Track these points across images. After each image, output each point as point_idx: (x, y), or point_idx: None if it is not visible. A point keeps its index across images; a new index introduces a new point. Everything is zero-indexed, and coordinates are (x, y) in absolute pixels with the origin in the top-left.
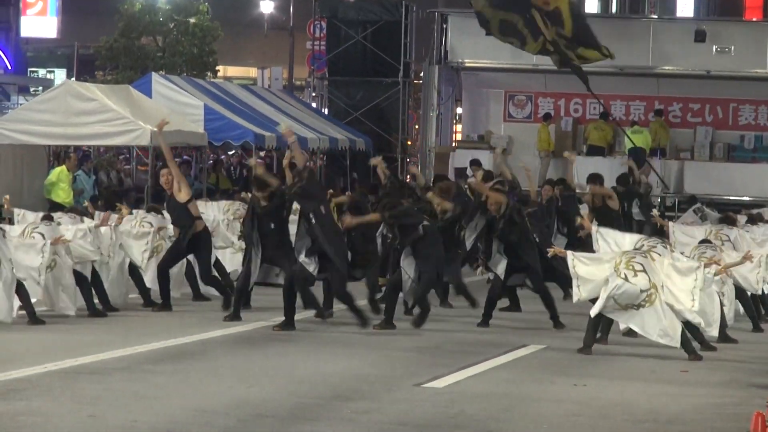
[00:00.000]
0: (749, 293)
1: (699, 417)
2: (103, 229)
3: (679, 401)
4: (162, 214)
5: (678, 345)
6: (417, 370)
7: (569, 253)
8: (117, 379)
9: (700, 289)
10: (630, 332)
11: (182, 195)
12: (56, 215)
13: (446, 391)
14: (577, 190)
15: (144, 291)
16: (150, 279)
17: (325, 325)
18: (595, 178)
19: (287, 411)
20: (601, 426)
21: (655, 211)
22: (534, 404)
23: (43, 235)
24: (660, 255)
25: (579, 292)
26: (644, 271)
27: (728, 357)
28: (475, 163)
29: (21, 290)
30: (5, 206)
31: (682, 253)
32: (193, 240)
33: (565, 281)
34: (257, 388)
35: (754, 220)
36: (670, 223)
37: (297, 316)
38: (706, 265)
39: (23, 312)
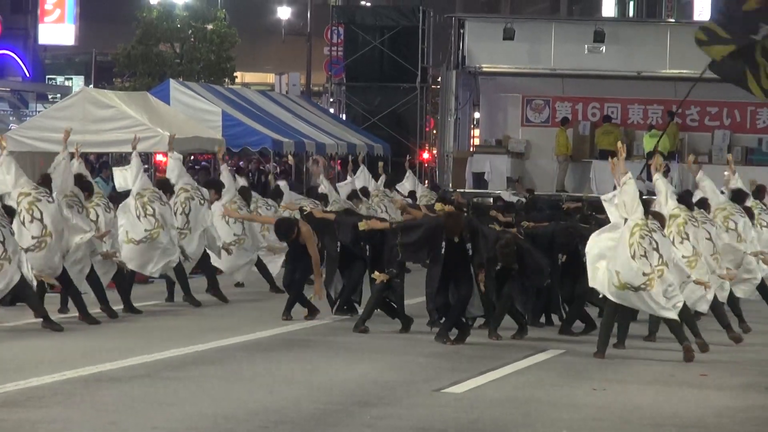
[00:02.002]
0: None
1: (720, 421)
2: None
3: (699, 405)
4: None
5: (675, 316)
6: (436, 375)
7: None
8: (137, 386)
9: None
10: (649, 337)
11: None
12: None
13: (466, 396)
14: None
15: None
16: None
17: (343, 331)
18: None
19: (307, 417)
20: (622, 430)
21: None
22: (554, 409)
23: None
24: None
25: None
26: (656, 249)
27: (748, 360)
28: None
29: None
30: None
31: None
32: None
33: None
34: (277, 394)
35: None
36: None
37: (315, 323)
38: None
39: (37, 320)
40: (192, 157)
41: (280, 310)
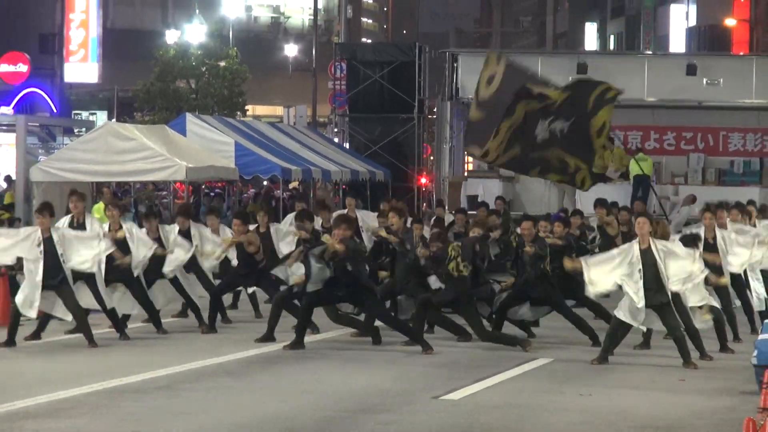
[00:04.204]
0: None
1: (697, 422)
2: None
3: (678, 408)
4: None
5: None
6: (435, 383)
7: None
8: (158, 397)
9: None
10: (642, 346)
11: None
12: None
13: (462, 402)
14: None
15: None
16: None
17: (347, 344)
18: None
19: (316, 424)
20: None
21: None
22: (544, 414)
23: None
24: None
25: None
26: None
27: (722, 366)
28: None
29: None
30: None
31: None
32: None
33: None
34: (288, 403)
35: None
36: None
37: (326, 335)
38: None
39: (66, 336)
40: (205, 185)
41: (290, 326)
